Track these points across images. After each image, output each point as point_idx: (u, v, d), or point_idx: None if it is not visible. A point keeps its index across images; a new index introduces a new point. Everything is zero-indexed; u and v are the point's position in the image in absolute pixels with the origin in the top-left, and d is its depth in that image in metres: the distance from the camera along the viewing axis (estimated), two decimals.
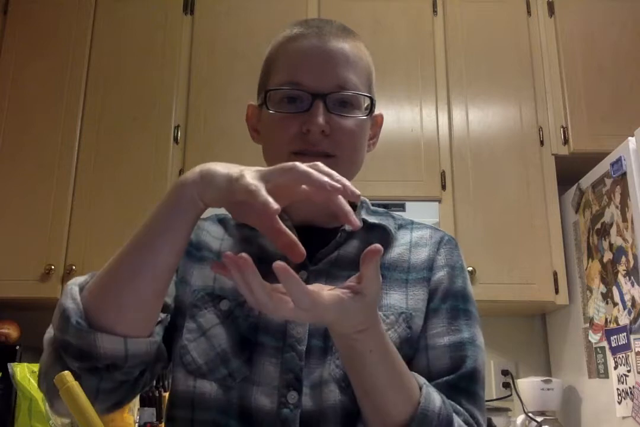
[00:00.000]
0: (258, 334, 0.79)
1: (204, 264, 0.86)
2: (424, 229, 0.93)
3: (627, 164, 1.83)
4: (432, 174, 2.24)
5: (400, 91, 2.33)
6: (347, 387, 0.76)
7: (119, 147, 2.28)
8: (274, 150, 0.85)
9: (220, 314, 0.81)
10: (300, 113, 0.82)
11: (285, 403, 0.76)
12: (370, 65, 0.89)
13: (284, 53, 0.86)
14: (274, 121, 0.84)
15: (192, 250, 0.88)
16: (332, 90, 0.82)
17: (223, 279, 0.83)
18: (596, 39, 2.39)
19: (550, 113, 2.32)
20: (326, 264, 0.84)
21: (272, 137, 0.85)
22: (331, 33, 0.85)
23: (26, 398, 1.92)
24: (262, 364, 0.78)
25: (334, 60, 0.83)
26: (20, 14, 2.45)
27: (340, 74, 0.83)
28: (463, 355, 0.81)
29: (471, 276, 2.05)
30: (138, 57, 2.39)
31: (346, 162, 0.85)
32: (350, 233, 0.86)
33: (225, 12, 2.42)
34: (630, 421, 1.78)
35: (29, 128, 2.31)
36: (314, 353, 0.78)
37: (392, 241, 0.89)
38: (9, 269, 2.15)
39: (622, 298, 1.86)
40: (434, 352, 0.81)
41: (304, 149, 0.82)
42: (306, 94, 0.81)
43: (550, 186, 2.23)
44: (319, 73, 0.82)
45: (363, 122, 0.86)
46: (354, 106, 0.84)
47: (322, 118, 0.80)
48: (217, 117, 2.27)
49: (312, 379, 0.77)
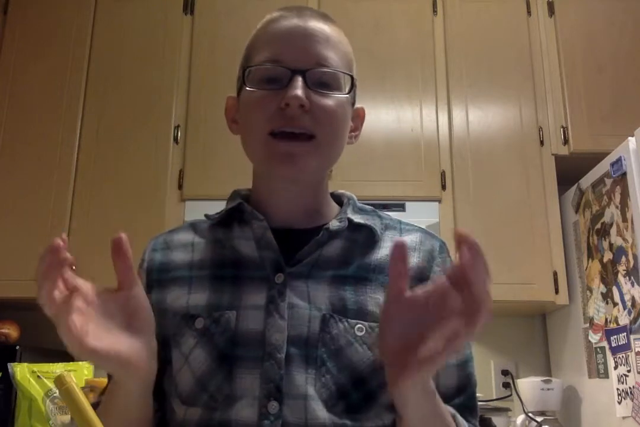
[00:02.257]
0: (236, 348, 0.77)
1: (176, 286, 0.83)
2: (414, 232, 0.88)
3: (627, 164, 1.83)
4: (432, 174, 2.24)
5: (400, 91, 2.33)
6: (333, 406, 0.75)
7: (119, 147, 2.28)
8: (252, 133, 0.82)
9: (197, 333, 0.78)
10: (279, 90, 0.79)
11: (266, 414, 0.73)
12: (350, 52, 0.87)
13: (264, 33, 0.85)
14: (252, 100, 0.82)
15: (161, 274, 0.85)
16: (312, 67, 0.80)
17: (196, 297, 0.81)
18: (596, 39, 2.39)
19: (550, 113, 2.32)
20: (306, 265, 0.81)
21: (249, 118, 0.82)
22: (312, 15, 0.85)
23: (26, 398, 1.92)
24: (242, 377, 0.75)
25: (315, 38, 0.82)
26: (20, 14, 2.45)
27: (320, 52, 0.81)
28: (468, 374, 0.83)
29: None
30: (138, 57, 2.39)
31: (326, 144, 0.81)
32: (334, 232, 0.83)
33: (225, 12, 2.42)
34: (630, 421, 1.78)
35: (29, 128, 2.31)
36: (294, 361, 0.76)
37: (377, 241, 0.85)
38: (9, 269, 2.15)
39: (622, 298, 1.86)
40: (444, 372, 0.81)
41: (283, 125, 0.79)
42: (286, 70, 0.79)
43: (550, 186, 2.23)
44: (299, 50, 0.81)
45: (344, 103, 0.83)
46: (333, 86, 0.81)
47: (301, 91, 0.78)
48: (217, 117, 2.25)
49: (294, 389, 0.74)
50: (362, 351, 0.77)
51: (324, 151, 0.82)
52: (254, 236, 0.83)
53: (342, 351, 0.76)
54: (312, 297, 0.79)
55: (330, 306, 0.78)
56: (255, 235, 0.83)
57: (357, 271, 0.82)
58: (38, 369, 1.97)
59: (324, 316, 0.77)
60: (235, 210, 0.86)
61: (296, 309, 0.78)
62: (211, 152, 2.25)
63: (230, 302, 0.79)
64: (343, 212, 0.86)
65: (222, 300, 0.80)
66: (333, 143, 0.83)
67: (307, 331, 0.77)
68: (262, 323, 0.77)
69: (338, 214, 0.86)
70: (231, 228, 0.86)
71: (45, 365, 2.00)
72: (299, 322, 0.77)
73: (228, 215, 0.87)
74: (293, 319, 0.77)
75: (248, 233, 0.84)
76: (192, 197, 2.21)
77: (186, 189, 2.22)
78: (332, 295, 0.79)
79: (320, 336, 0.77)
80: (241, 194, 0.90)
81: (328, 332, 0.77)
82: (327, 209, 0.89)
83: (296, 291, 0.79)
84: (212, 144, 2.25)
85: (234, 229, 0.86)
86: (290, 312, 0.78)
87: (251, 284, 0.81)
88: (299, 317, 0.77)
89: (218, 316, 0.78)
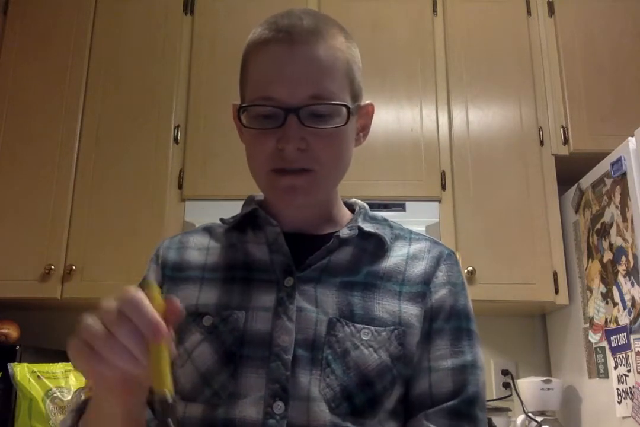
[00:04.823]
0: (243, 347, 0.78)
1: (188, 284, 0.85)
2: (422, 241, 0.90)
3: (627, 164, 1.83)
4: (432, 174, 2.24)
5: (400, 91, 2.33)
6: (336, 407, 0.75)
7: (119, 147, 2.28)
8: (255, 167, 0.84)
9: (204, 330, 0.80)
10: (274, 128, 0.79)
11: (271, 414, 0.74)
12: (348, 60, 0.83)
13: (254, 62, 0.83)
14: (251, 137, 0.83)
15: (174, 272, 0.87)
16: (305, 103, 0.78)
17: (206, 296, 0.83)
18: (596, 39, 2.38)
19: (550, 113, 2.32)
20: (315, 270, 0.83)
21: (251, 153, 0.84)
22: (301, 37, 0.80)
23: (26, 398, 1.92)
24: (248, 376, 0.76)
25: (306, 71, 0.79)
26: (20, 14, 2.45)
27: (312, 85, 0.79)
28: (465, 379, 0.81)
29: (471, 276, 2.05)
30: (138, 57, 2.39)
31: (326, 174, 0.82)
32: (344, 240, 0.85)
33: (225, 12, 2.42)
34: (630, 421, 1.78)
35: (29, 128, 2.31)
36: (301, 363, 0.77)
37: (387, 251, 0.87)
38: (9, 269, 2.15)
39: (622, 298, 1.86)
40: (437, 375, 0.80)
41: (282, 165, 0.80)
42: (278, 109, 0.78)
43: (550, 186, 2.23)
44: (290, 86, 0.79)
45: (343, 130, 0.82)
46: (332, 115, 0.80)
47: (296, 135, 0.78)
48: (217, 117, 2.27)
49: (298, 390, 0.75)
50: (368, 354, 0.78)
51: (325, 180, 0.83)
52: (267, 240, 0.86)
53: (348, 353, 0.77)
54: (320, 301, 0.80)
55: (337, 311, 0.80)
56: (268, 239, 0.85)
57: (366, 277, 0.84)
58: (38, 369, 1.97)
59: (330, 320, 0.79)
60: (249, 216, 0.88)
61: (304, 312, 0.79)
62: (211, 152, 2.25)
63: (240, 303, 0.81)
64: (354, 220, 0.88)
65: (232, 300, 0.82)
66: (333, 171, 0.84)
67: (314, 333, 0.78)
68: (270, 324, 0.79)
69: (349, 222, 0.88)
70: (245, 232, 0.88)
71: (45, 365, 2.00)
72: (306, 325, 0.79)
73: (243, 220, 0.89)
74: (300, 322, 0.79)
75: (261, 237, 0.86)
76: (192, 197, 2.21)
77: (186, 189, 2.22)
78: (340, 300, 0.81)
79: (326, 338, 0.78)
80: (255, 200, 0.92)
81: (334, 335, 0.78)
82: (338, 216, 0.91)
83: (305, 295, 0.81)
84: (212, 144, 2.25)
85: (247, 233, 0.88)
86: (298, 315, 0.79)
87: (261, 286, 0.82)
88: (307, 320, 0.79)
89: (227, 315, 0.80)
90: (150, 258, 0.91)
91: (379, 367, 0.77)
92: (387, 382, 0.78)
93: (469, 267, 2.07)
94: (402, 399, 0.81)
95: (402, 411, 0.82)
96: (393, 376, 0.78)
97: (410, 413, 0.81)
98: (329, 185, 0.86)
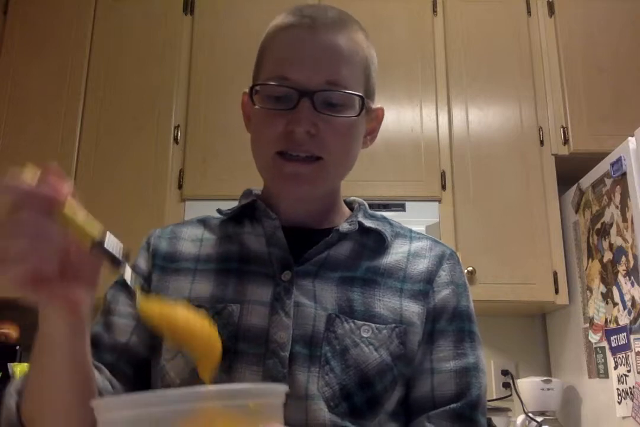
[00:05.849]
0: (238, 342, 0.76)
1: (179, 276, 0.83)
2: (424, 239, 0.89)
3: (627, 164, 1.83)
4: (432, 174, 2.24)
5: (400, 91, 2.33)
6: (335, 407, 0.73)
7: (119, 147, 2.28)
8: (260, 148, 0.82)
9: None
10: (286, 111, 0.77)
11: None
12: (367, 58, 0.84)
13: (273, 44, 0.82)
14: (260, 118, 0.81)
15: (165, 262, 0.85)
16: (321, 88, 0.77)
17: (199, 288, 0.81)
18: (596, 39, 2.38)
19: (550, 113, 2.32)
20: (314, 264, 0.81)
21: (258, 134, 0.82)
22: (325, 25, 0.79)
23: None
24: (243, 372, 0.74)
25: (325, 55, 0.78)
26: (20, 14, 2.45)
27: (330, 70, 0.78)
28: (468, 382, 0.80)
29: (471, 276, 2.05)
30: (138, 57, 2.39)
31: (334, 165, 0.80)
32: (344, 234, 0.83)
33: (225, 12, 2.42)
34: (630, 421, 1.78)
35: (29, 128, 2.31)
36: (298, 360, 0.75)
37: (387, 247, 0.85)
38: None
39: (622, 298, 1.86)
40: (440, 377, 0.79)
41: (289, 148, 0.78)
42: (293, 91, 0.77)
43: (550, 186, 2.23)
44: (307, 68, 0.77)
45: (355, 122, 0.80)
46: (345, 105, 0.79)
47: (308, 118, 0.76)
48: (217, 117, 2.27)
49: (296, 389, 0.73)
50: (368, 352, 0.76)
51: (332, 171, 0.81)
52: (265, 233, 0.83)
53: (347, 351, 0.76)
54: (318, 296, 0.79)
55: (337, 307, 0.78)
56: (266, 232, 0.83)
57: (366, 273, 0.82)
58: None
59: (329, 316, 0.77)
60: (248, 207, 0.86)
61: (302, 307, 0.77)
62: (211, 152, 2.25)
63: (234, 296, 0.79)
64: (354, 216, 0.86)
65: (226, 293, 0.80)
66: (341, 163, 0.82)
67: (312, 329, 0.76)
68: (266, 320, 0.77)
69: (349, 218, 0.87)
70: (242, 224, 0.86)
71: None
72: (304, 321, 0.77)
73: (241, 211, 0.87)
74: (298, 318, 0.77)
75: (259, 230, 0.84)
76: (192, 197, 2.21)
77: (186, 189, 2.22)
78: (340, 296, 0.79)
79: (325, 335, 0.76)
80: (254, 193, 0.90)
81: (333, 332, 0.76)
82: (338, 212, 0.89)
83: (303, 289, 0.79)
84: (212, 144, 2.25)
85: (245, 225, 0.86)
86: (296, 310, 0.77)
87: (256, 279, 0.80)
88: (305, 316, 0.77)
89: (221, 308, 0.78)
90: (141, 246, 0.89)
91: (379, 367, 0.76)
92: (387, 382, 0.77)
93: (469, 267, 2.07)
94: (402, 400, 0.80)
95: (402, 413, 0.81)
96: (394, 375, 0.77)
97: (411, 414, 0.80)
98: (335, 177, 0.84)
